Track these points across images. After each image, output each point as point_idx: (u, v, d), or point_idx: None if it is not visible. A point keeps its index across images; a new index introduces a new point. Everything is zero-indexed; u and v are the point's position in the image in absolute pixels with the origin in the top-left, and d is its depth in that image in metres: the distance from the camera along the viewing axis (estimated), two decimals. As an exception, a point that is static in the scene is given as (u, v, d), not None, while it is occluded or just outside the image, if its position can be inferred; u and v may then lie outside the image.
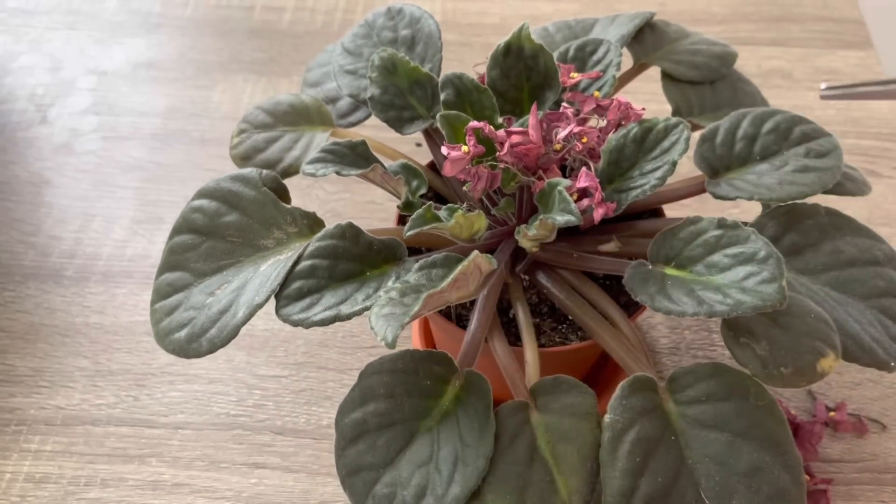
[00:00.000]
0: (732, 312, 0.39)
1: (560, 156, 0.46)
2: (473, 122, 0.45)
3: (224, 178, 0.49)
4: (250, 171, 0.49)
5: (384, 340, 0.37)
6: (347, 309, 0.44)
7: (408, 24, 0.56)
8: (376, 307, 0.39)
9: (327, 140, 0.54)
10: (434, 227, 0.44)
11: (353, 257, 0.46)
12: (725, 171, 0.51)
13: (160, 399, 0.64)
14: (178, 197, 0.76)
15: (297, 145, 0.55)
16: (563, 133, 0.45)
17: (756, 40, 0.90)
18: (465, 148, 0.44)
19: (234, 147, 0.55)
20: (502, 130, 0.45)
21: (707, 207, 0.68)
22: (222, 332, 0.45)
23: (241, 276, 0.47)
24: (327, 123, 0.56)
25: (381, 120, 0.52)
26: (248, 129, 0.56)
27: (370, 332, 0.45)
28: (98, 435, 0.62)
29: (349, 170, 0.47)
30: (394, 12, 0.57)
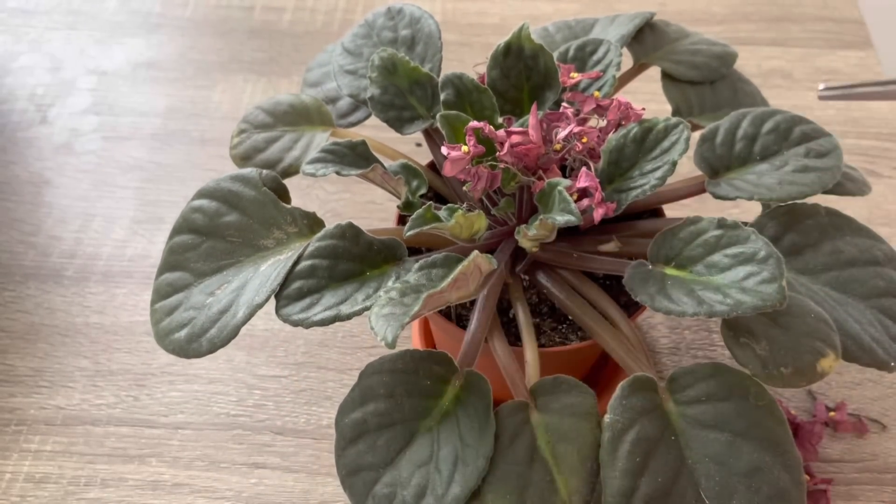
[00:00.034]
0: (732, 312, 0.39)
1: (560, 156, 0.46)
2: (473, 122, 0.45)
3: (224, 178, 0.49)
4: (250, 171, 0.49)
5: (384, 340, 0.37)
6: (347, 309, 0.44)
7: (408, 24, 0.56)
8: (376, 307, 0.39)
9: (327, 140, 0.54)
10: (434, 227, 0.43)
11: (353, 257, 0.46)
12: (725, 171, 0.51)
13: (160, 399, 0.64)
14: (178, 197, 0.76)
15: (297, 145, 0.55)
16: (563, 133, 0.45)
17: (756, 40, 0.90)
18: (465, 148, 0.44)
19: (234, 147, 0.55)
20: (502, 130, 0.45)
21: (707, 207, 0.68)
22: (222, 332, 0.45)
23: (241, 276, 0.47)
24: (327, 123, 0.56)
25: (381, 120, 0.52)
26: (248, 129, 0.56)
27: (370, 332, 0.45)
28: (98, 435, 0.62)
29: (349, 170, 0.47)
30: (394, 12, 0.57)
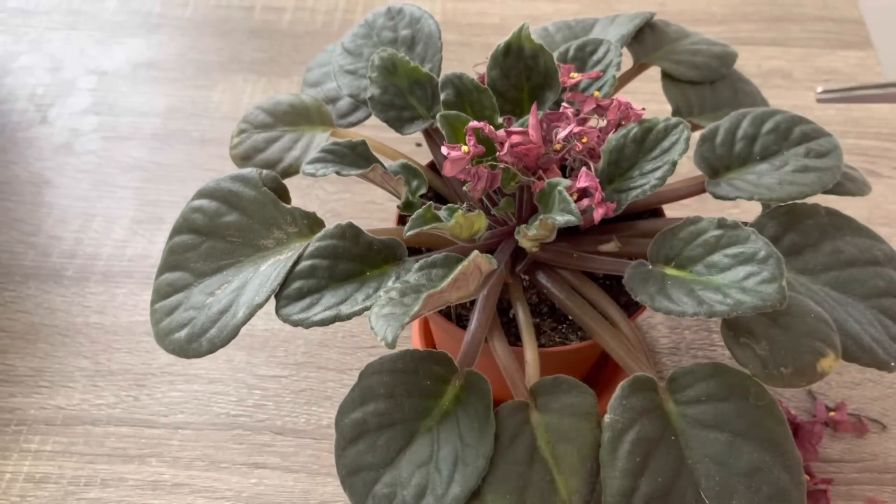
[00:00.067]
0: (732, 312, 0.39)
1: (560, 156, 0.46)
2: (473, 122, 0.45)
3: (224, 178, 0.49)
4: (250, 171, 0.49)
5: (384, 340, 0.37)
6: (347, 309, 0.44)
7: (408, 24, 0.56)
8: (376, 307, 0.39)
9: (327, 140, 0.54)
10: (434, 227, 0.43)
11: (353, 257, 0.46)
12: (725, 171, 0.51)
13: (160, 399, 0.64)
14: (178, 197, 0.76)
15: (297, 145, 0.55)
16: (563, 133, 0.45)
17: (756, 40, 0.90)
18: (465, 148, 0.44)
19: (234, 147, 0.55)
20: (502, 130, 0.45)
21: (707, 207, 0.68)
22: (222, 332, 0.45)
23: (241, 276, 0.47)
24: (327, 123, 0.56)
25: (381, 120, 0.52)
26: (248, 129, 0.56)
27: (370, 332, 0.45)
28: (98, 435, 0.62)
29: (349, 170, 0.47)
30: (394, 12, 0.57)
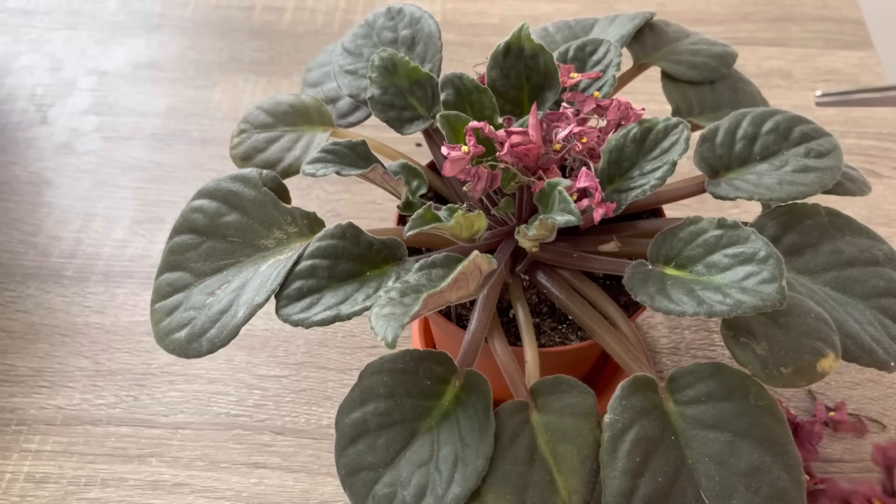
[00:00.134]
0: (732, 312, 0.39)
1: (560, 156, 0.46)
2: (473, 122, 0.45)
3: (224, 178, 0.49)
4: (250, 171, 0.49)
5: (384, 340, 0.37)
6: (347, 309, 0.44)
7: (408, 24, 0.56)
8: (376, 307, 0.39)
9: (327, 140, 0.54)
10: (434, 227, 0.43)
11: (353, 257, 0.46)
12: (725, 171, 0.51)
13: (160, 399, 0.64)
14: (179, 197, 0.76)
15: (297, 145, 0.55)
16: (563, 133, 0.45)
17: (756, 40, 0.90)
18: (465, 148, 0.44)
19: (235, 147, 0.55)
20: (502, 130, 0.45)
21: (707, 207, 0.68)
22: (222, 332, 0.45)
23: (241, 276, 0.47)
24: (327, 123, 0.56)
25: (381, 120, 0.52)
26: (249, 129, 0.56)
27: (370, 332, 0.45)
28: (98, 435, 0.62)
29: (349, 170, 0.47)
30: (394, 12, 0.57)
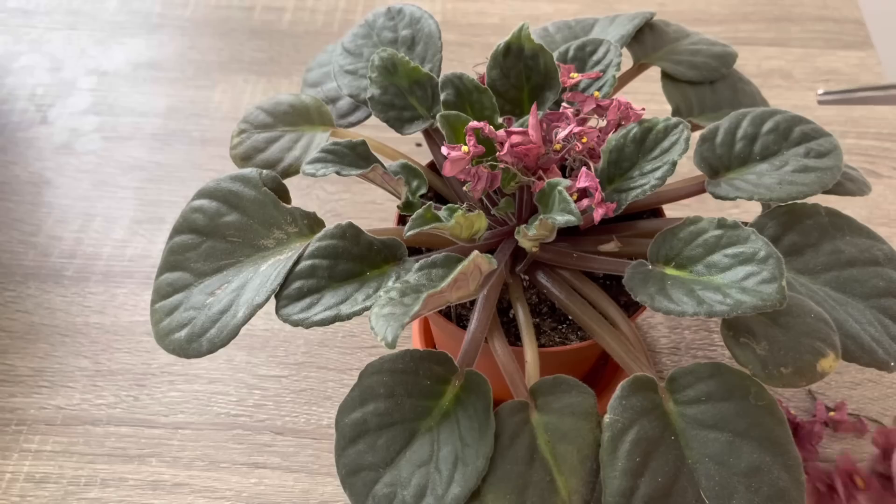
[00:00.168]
0: (732, 312, 0.39)
1: (560, 156, 0.46)
2: (473, 122, 0.45)
3: (224, 178, 0.49)
4: (250, 171, 0.49)
5: (384, 340, 0.37)
6: (347, 309, 0.44)
7: (408, 24, 0.56)
8: (376, 307, 0.39)
9: (327, 140, 0.54)
10: (434, 227, 0.43)
11: (353, 257, 0.46)
12: (725, 171, 0.51)
13: (160, 399, 0.64)
14: (179, 197, 0.76)
15: (297, 145, 0.55)
16: (563, 133, 0.45)
17: (756, 40, 0.90)
18: (465, 148, 0.44)
19: (235, 147, 0.55)
20: (502, 130, 0.45)
21: (707, 207, 0.68)
22: (222, 332, 0.45)
23: (241, 276, 0.47)
24: (327, 123, 0.56)
25: (381, 120, 0.52)
26: (249, 129, 0.56)
27: (370, 332, 0.45)
28: (98, 435, 0.62)
29: (349, 170, 0.47)
30: (394, 12, 0.57)
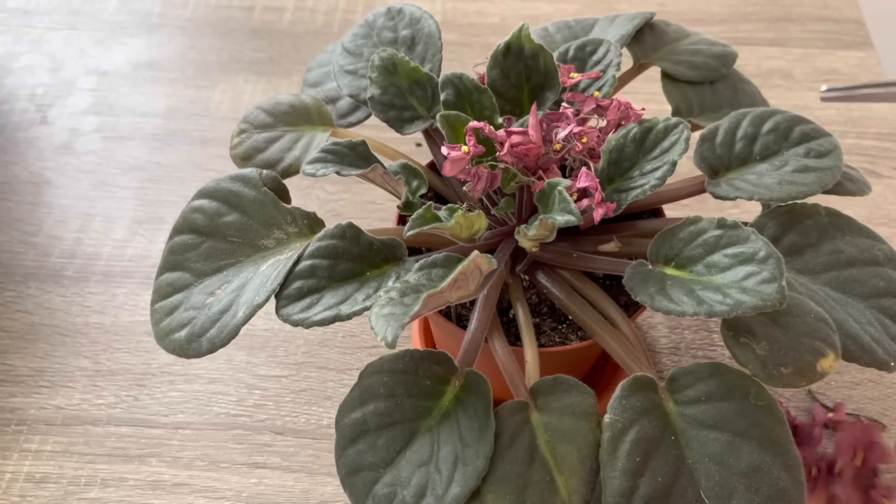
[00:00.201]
0: (732, 312, 0.39)
1: (560, 156, 0.46)
2: (473, 122, 0.45)
3: (224, 178, 0.49)
4: (250, 171, 0.49)
5: (384, 340, 0.37)
6: (347, 309, 0.44)
7: (408, 24, 0.56)
8: (376, 307, 0.39)
9: (327, 140, 0.54)
10: (434, 227, 0.43)
11: (353, 257, 0.46)
12: (725, 171, 0.51)
13: (160, 399, 0.64)
14: (179, 197, 0.76)
15: (297, 145, 0.55)
16: (563, 133, 0.45)
17: (756, 40, 0.90)
18: (465, 148, 0.44)
19: (235, 147, 0.55)
20: (502, 130, 0.45)
21: (707, 207, 0.68)
22: (222, 332, 0.45)
23: (241, 276, 0.47)
24: (327, 123, 0.56)
25: (381, 120, 0.52)
26: (249, 129, 0.56)
27: (370, 332, 0.45)
28: (98, 435, 0.62)
29: (349, 170, 0.47)
30: (394, 12, 0.57)
